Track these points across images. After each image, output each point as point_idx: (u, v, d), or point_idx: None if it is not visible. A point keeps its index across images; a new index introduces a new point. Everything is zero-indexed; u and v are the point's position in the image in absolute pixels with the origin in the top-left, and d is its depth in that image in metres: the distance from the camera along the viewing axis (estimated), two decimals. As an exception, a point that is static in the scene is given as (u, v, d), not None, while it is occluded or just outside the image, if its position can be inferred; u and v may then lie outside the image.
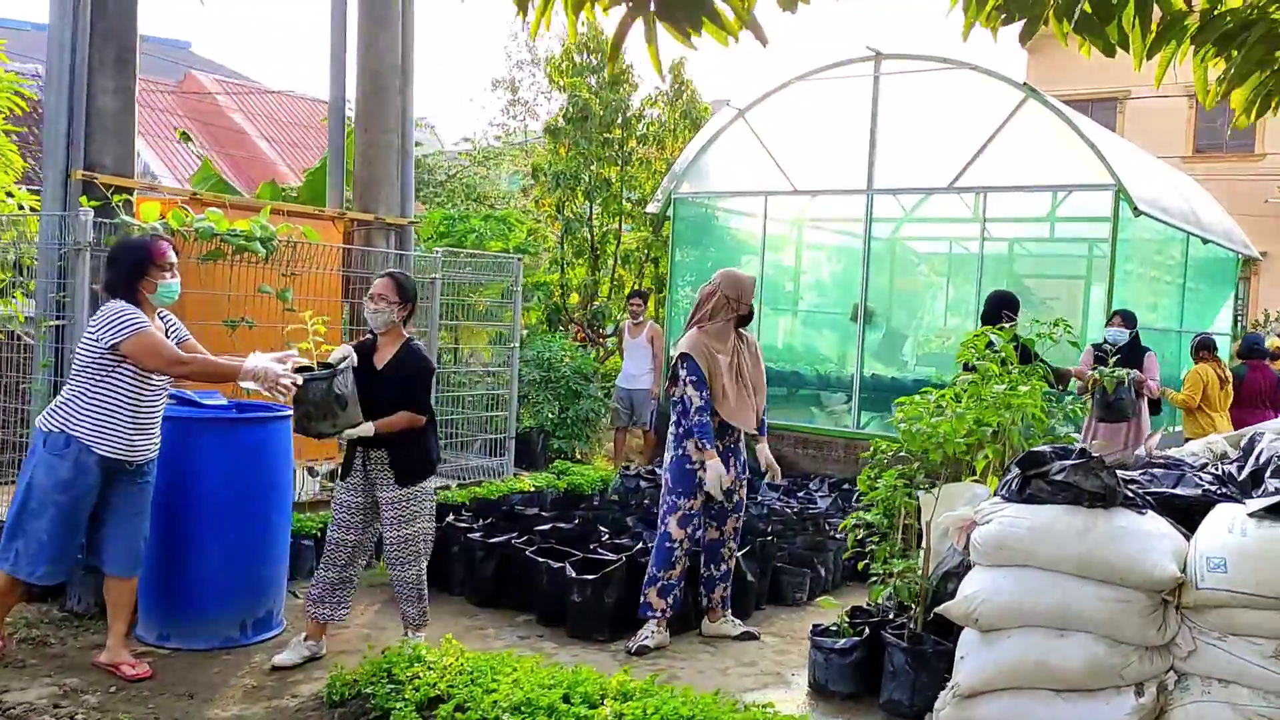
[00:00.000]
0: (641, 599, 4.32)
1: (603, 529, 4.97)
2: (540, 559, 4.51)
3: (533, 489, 6.15)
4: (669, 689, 3.26)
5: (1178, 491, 3.53)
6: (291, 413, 3.83)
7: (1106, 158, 7.50)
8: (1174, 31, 2.84)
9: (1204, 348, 7.37)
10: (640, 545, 4.65)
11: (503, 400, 7.17)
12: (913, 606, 3.92)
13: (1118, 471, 3.90)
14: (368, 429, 3.83)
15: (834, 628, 3.97)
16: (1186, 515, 3.41)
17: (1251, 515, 3.15)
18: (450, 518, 5.10)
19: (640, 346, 8.39)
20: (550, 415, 8.30)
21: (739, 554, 4.60)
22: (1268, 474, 3.35)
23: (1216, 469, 3.72)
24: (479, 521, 5.09)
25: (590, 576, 4.29)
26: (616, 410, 8.57)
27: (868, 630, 3.89)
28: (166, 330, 3.76)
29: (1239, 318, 18.96)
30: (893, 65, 8.57)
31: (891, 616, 4.00)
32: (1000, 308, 6.21)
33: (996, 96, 8.04)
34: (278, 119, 22.07)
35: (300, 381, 3.64)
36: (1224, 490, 3.51)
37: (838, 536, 5.09)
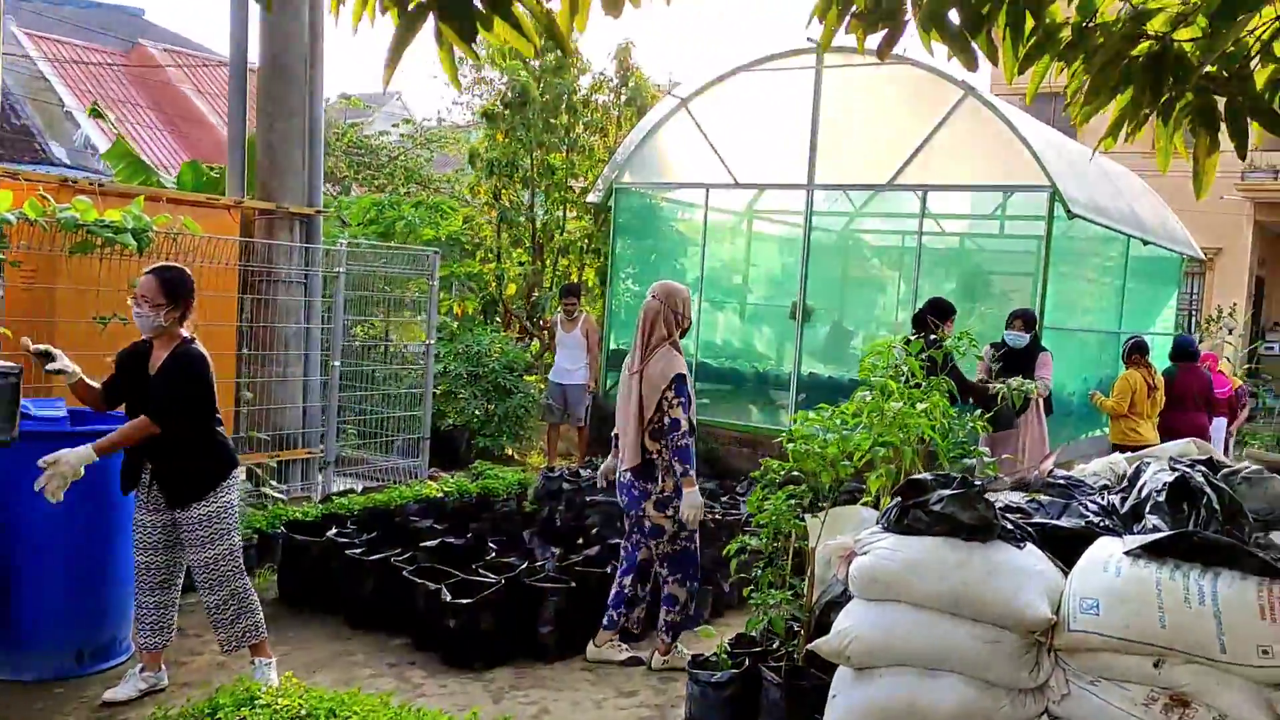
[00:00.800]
0: (691, 619, 4.28)
1: (492, 545, 4.75)
2: (418, 579, 4.29)
3: (440, 494, 5.92)
4: (517, 732, 3.07)
5: (1060, 523, 3.37)
6: None
7: (1042, 159, 7.36)
8: (1050, 45, 2.65)
9: (1136, 351, 7.27)
10: (526, 565, 4.45)
11: (422, 398, 6.95)
12: (798, 637, 3.75)
13: (1008, 497, 3.76)
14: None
15: (714, 658, 3.79)
16: (1070, 547, 3.25)
17: (1127, 554, 3.00)
18: (333, 531, 4.86)
19: (575, 340, 8.16)
20: (477, 413, 8.06)
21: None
22: (1148, 509, 3.19)
23: (1103, 498, 3.57)
24: (364, 535, 4.85)
25: (465, 600, 4.08)
26: (549, 406, 8.34)
27: (747, 662, 3.71)
28: None
29: (1193, 314, 19.05)
30: (835, 58, 8.35)
31: (776, 647, 3.82)
32: (927, 314, 6.07)
33: (936, 94, 7.86)
34: (232, 93, 21.44)
35: None
36: (1107, 522, 3.36)
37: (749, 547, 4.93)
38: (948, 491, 3.26)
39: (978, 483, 3.37)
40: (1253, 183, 18.06)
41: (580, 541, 4.98)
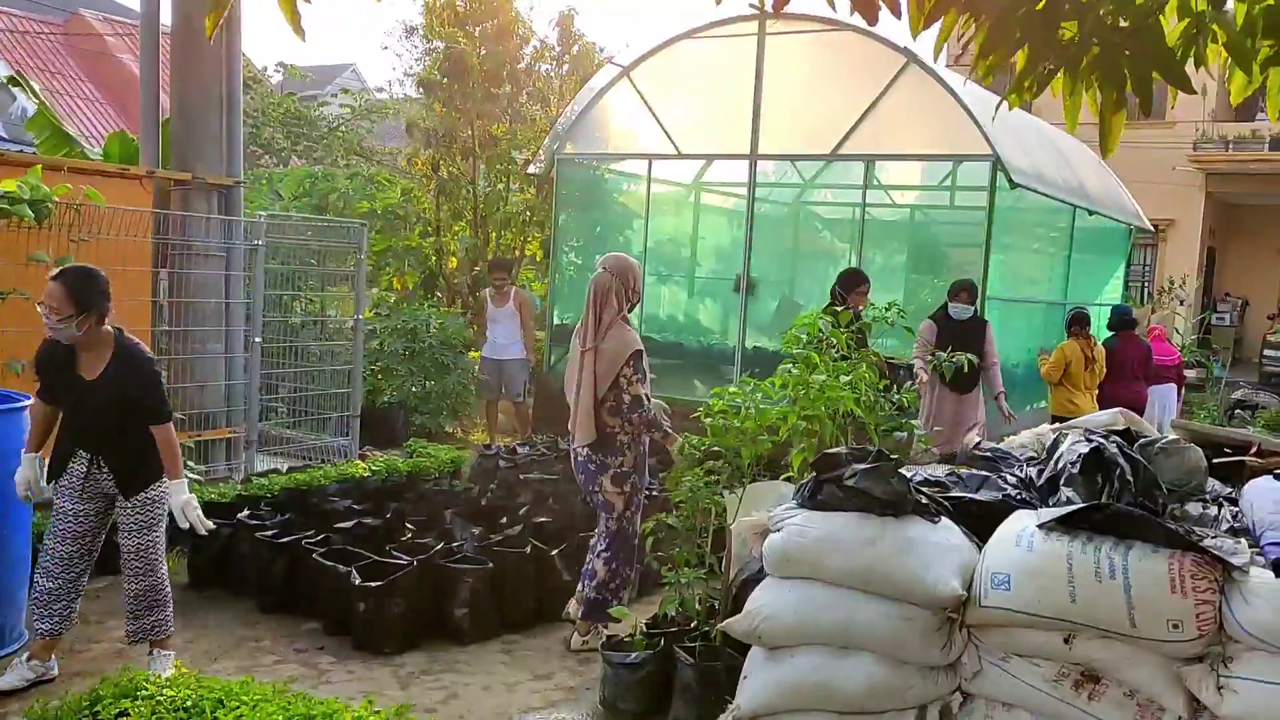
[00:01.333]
0: (612, 598, 4.12)
1: (410, 526, 4.60)
2: (328, 562, 4.13)
3: (366, 474, 5.75)
4: (413, 722, 2.93)
5: (978, 497, 3.29)
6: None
7: (984, 127, 7.25)
8: (955, -4, 2.51)
9: (1076, 323, 7.26)
10: (441, 546, 4.30)
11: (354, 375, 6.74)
12: (716, 617, 3.65)
13: (928, 470, 3.67)
14: None
15: (629, 639, 3.69)
16: (987, 522, 3.17)
17: (1040, 527, 2.92)
18: (245, 512, 4.68)
19: (508, 314, 7.96)
20: (414, 389, 7.86)
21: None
22: (1063, 481, 3.12)
23: (1022, 471, 3.49)
24: (277, 516, 4.68)
25: (375, 583, 3.94)
26: (486, 382, 8.16)
27: (662, 642, 3.61)
28: None
29: (1145, 285, 19.23)
30: (778, 25, 8.18)
31: (693, 627, 3.72)
32: (835, 287, 6.05)
33: (878, 62, 7.72)
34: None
35: None
36: (1025, 495, 3.29)
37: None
38: (861, 466, 3.16)
39: (894, 456, 3.28)
40: (1204, 153, 18.20)
41: (503, 521, 4.83)
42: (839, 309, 4.44)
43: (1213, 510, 3.19)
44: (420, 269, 9.36)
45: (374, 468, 5.89)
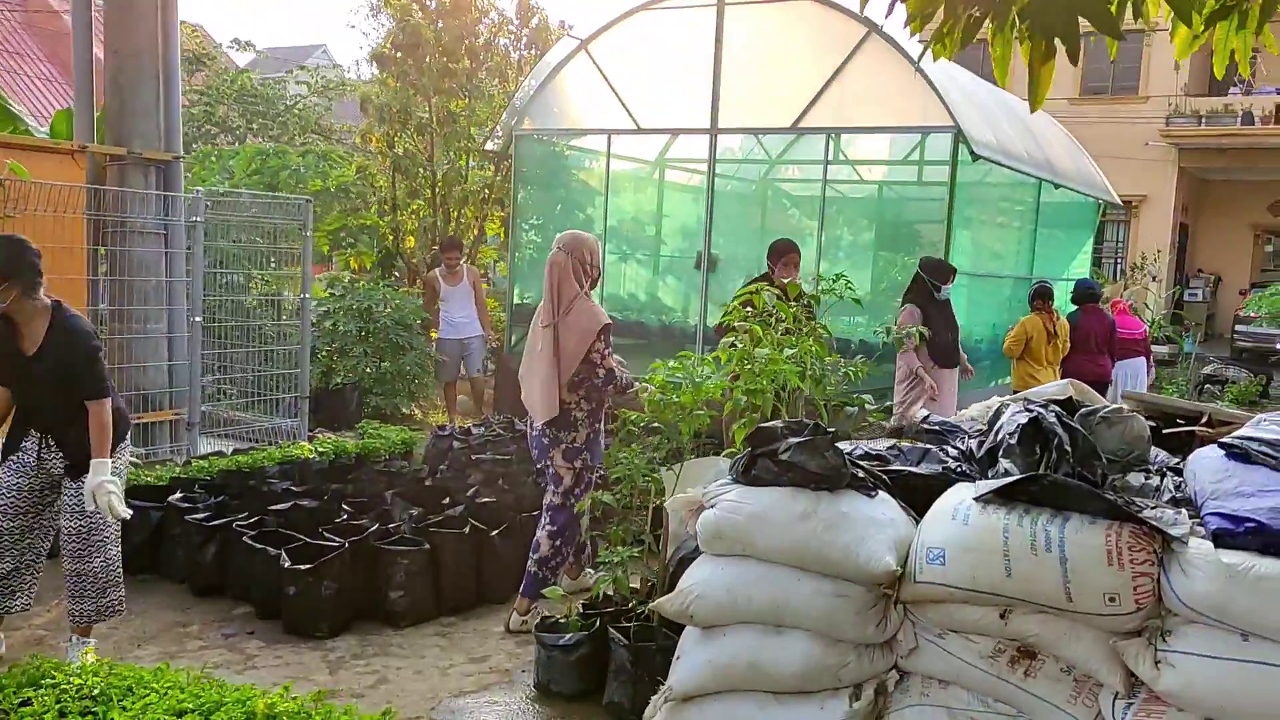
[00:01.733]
0: (552, 576, 4.04)
1: (347, 507, 4.46)
2: (259, 545, 4.00)
3: (311, 455, 5.61)
4: (329, 709, 2.82)
5: (917, 470, 3.20)
6: None
7: (946, 99, 7.15)
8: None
9: (1039, 297, 7.18)
10: (377, 527, 4.18)
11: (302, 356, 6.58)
12: (654, 597, 3.55)
13: (870, 444, 3.58)
14: None
15: (564, 620, 3.58)
16: (929, 496, 3.08)
17: (977, 500, 2.82)
18: (177, 495, 4.54)
19: (464, 292, 7.81)
20: (368, 371, 7.71)
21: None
22: (1001, 452, 3.02)
23: (964, 443, 3.40)
24: (212, 499, 4.54)
25: (305, 566, 3.81)
26: (445, 362, 8.01)
27: (598, 623, 3.51)
28: None
29: (1118, 262, 19.26)
30: (737, -7, 8.03)
31: (631, 607, 3.62)
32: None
33: (839, 32, 7.60)
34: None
35: None
36: (965, 468, 3.20)
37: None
38: (796, 439, 3.06)
39: (830, 429, 3.18)
40: (1177, 129, 18.17)
41: (445, 501, 4.71)
42: (784, 281, 4.34)
43: (1155, 480, 3.11)
44: (377, 248, 9.17)
45: (321, 449, 5.75)
